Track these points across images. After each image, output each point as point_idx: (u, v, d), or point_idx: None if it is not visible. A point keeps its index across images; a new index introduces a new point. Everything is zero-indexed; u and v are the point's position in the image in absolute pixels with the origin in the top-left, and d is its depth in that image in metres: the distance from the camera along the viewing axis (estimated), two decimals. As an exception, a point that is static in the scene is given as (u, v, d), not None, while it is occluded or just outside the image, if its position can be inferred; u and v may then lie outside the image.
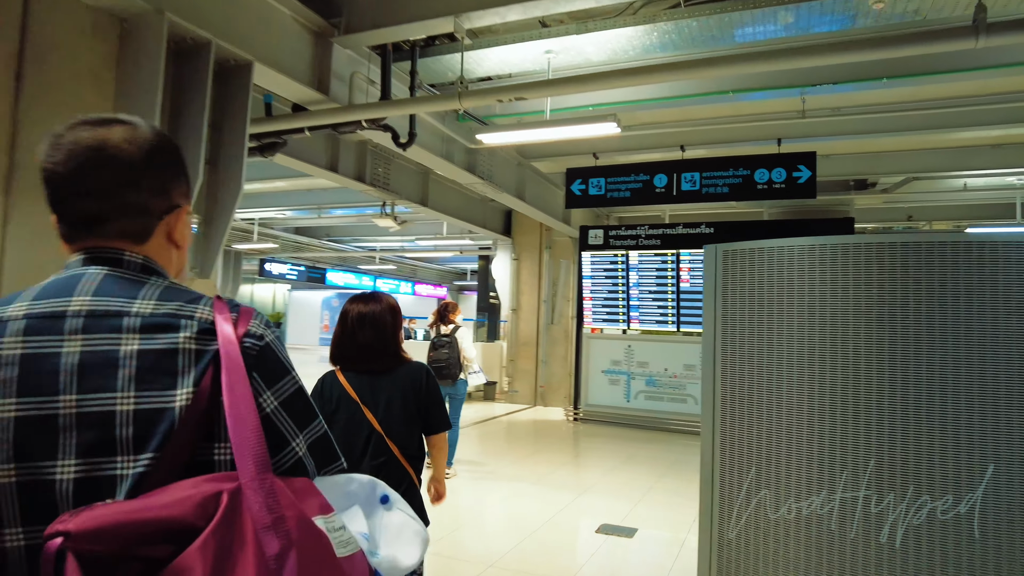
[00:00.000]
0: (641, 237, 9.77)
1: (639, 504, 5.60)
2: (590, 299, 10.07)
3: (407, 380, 2.36)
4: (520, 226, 12.15)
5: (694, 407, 9.37)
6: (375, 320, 2.33)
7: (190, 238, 1.01)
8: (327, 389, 2.32)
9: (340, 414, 2.26)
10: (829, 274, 2.29)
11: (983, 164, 8.67)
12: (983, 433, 2.02)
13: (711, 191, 7.82)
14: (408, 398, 2.34)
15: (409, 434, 2.32)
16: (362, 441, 2.24)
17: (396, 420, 2.29)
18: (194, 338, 0.84)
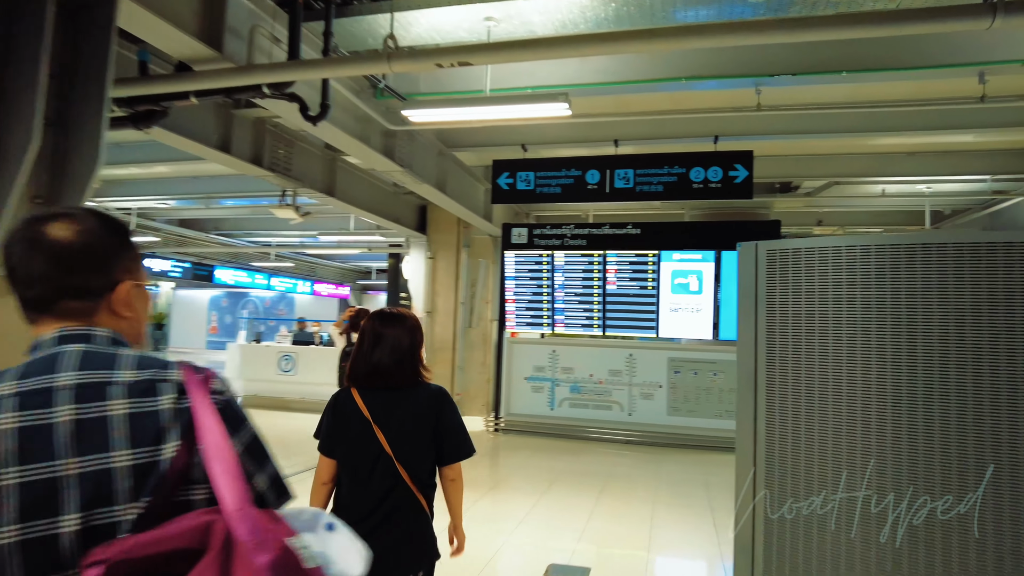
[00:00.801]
0: (567, 237, 9.27)
1: (584, 535, 5.02)
2: (513, 301, 9.46)
3: (423, 402, 2.23)
4: (436, 222, 11.35)
5: (619, 414, 8.97)
6: (392, 339, 2.22)
7: (143, 308, 1.13)
8: (341, 405, 2.22)
9: (351, 431, 2.16)
10: (896, 276, 1.80)
11: (899, 171, 8.83)
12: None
13: (645, 189, 7.41)
14: (422, 421, 2.20)
15: (421, 459, 2.18)
16: (370, 461, 2.12)
17: (407, 442, 2.16)
18: (173, 399, 1.00)
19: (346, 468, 2.17)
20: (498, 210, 10.30)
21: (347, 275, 26.07)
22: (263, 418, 10.26)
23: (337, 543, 1.04)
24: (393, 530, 2.09)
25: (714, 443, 8.68)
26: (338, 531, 1.06)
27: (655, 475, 7.17)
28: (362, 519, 2.06)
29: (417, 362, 2.28)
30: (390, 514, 2.09)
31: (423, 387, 2.27)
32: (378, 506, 2.09)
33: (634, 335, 9.15)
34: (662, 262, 8.91)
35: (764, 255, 2.07)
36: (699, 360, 8.90)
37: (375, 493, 2.10)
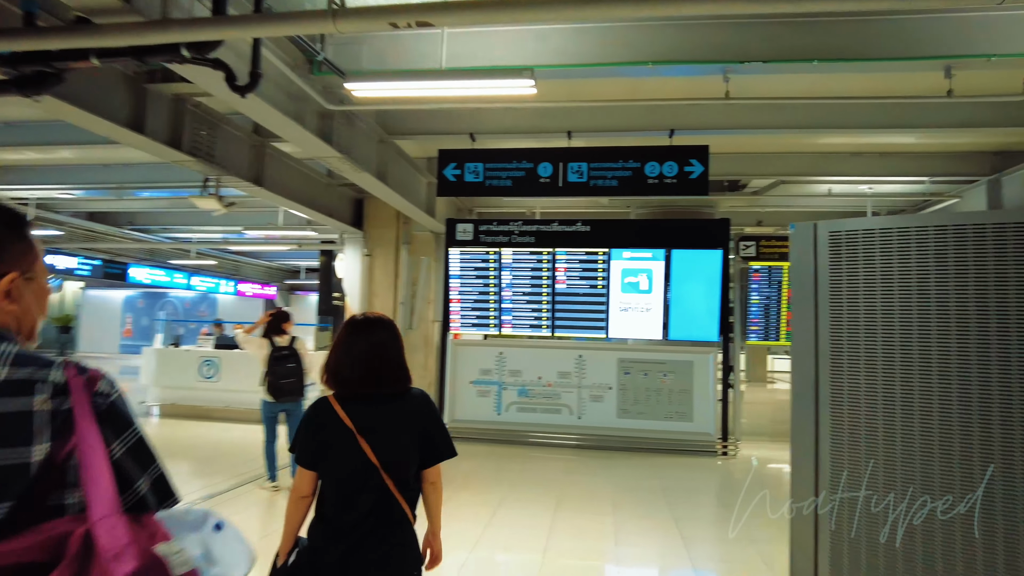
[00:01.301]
0: (515, 234, 8.87)
1: (548, 555, 4.61)
2: (458, 301, 8.97)
3: (410, 409, 2.15)
4: (374, 217, 10.71)
5: (569, 418, 8.64)
6: (379, 347, 2.12)
7: (34, 302, 1.10)
8: (320, 416, 2.10)
9: (333, 444, 2.06)
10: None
11: (844, 170, 8.91)
12: None
13: (599, 184, 7.10)
14: (411, 430, 2.13)
15: (407, 468, 2.11)
16: (355, 473, 2.03)
17: (394, 452, 2.08)
18: (48, 400, 0.97)
19: (329, 481, 2.08)
20: (441, 205, 9.79)
21: (274, 274, 24.82)
22: (181, 429, 9.36)
23: (223, 543, 1.02)
24: (380, 544, 2.03)
25: (665, 445, 8.47)
26: (225, 530, 1.05)
27: (611, 482, 6.85)
28: (347, 533, 2.00)
29: (404, 368, 2.19)
30: (376, 527, 2.02)
31: (408, 393, 2.18)
32: (364, 519, 2.02)
33: (584, 336, 8.84)
34: (612, 260, 8.64)
35: (825, 238, 1.70)
36: (649, 361, 8.67)
37: (361, 506, 2.02)
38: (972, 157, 8.81)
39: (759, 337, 9.54)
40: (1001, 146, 8.57)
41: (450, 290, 8.97)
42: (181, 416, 10.31)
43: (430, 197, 9.37)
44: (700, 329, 8.61)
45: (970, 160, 8.82)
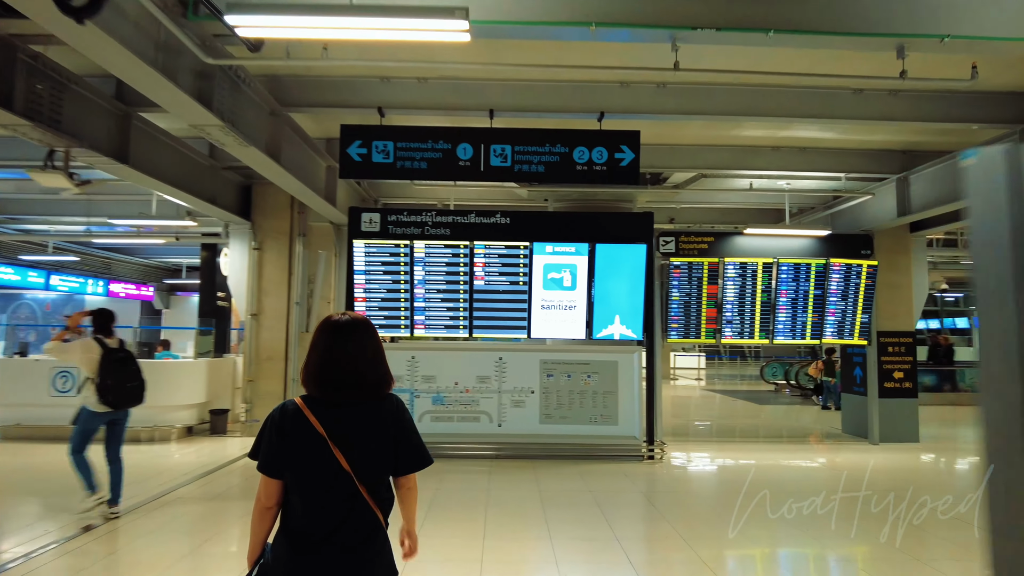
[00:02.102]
0: (428, 225, 8.04)
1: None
2: (363, 300, 8.02)
3: (383, 415, 2.00)
4: (265, 206, 9.52)
5: (488, 426, 7.93)
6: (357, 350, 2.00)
7: None
8: (287, 422, 1.93)
9: (302, 451, 1.91)
10: None
11: (763, 164, 8.76)
12: None
13: (524, 169, 6.44)
14: (384, 436, 1.99)
15: (380, 475, 1.99)
16: (328, 482, 1.90)
17: (368, 459, 1.95)
18: None
19: (298, 490, 1.94)
20: (343, 193, 8.78)
21: (151, 273, 22.39)
22: (26, 455, 7.81)
23: None
24: (352, 556, 1.91)
25: (589, 451, 7.96)
26: None
27: (539, 496, 6.21)
28: (319, 544, 1.88)
29: (388, 372, 2.08)
30: (350, 537, 1.90)
31: (384, 399, 2.06)
32: (337, 529, 1.89)
33: (504, 336, 8.16)
34: (534, 255, 8.02)
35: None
36: (573, 362, 8.13)
37: (332, 515, 1.90)
38: (883, 155, 8.95)
39: (679, 335, 9.29)
40: (908, 145, 8.74)
41: (354, 287, 8.01)
42: (29, 438, 8.69)
43: (330, 182, 8.35)
44: (625, 327, 8.16)
45: (881, 158, 8.95)
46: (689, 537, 4.96)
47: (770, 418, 12.95)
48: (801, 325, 9.34)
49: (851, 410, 10.45)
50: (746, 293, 9.24)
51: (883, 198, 9.20)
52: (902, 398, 9.66)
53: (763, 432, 10.98)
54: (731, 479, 7.16)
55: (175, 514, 5.53)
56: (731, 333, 9.27)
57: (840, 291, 9.38)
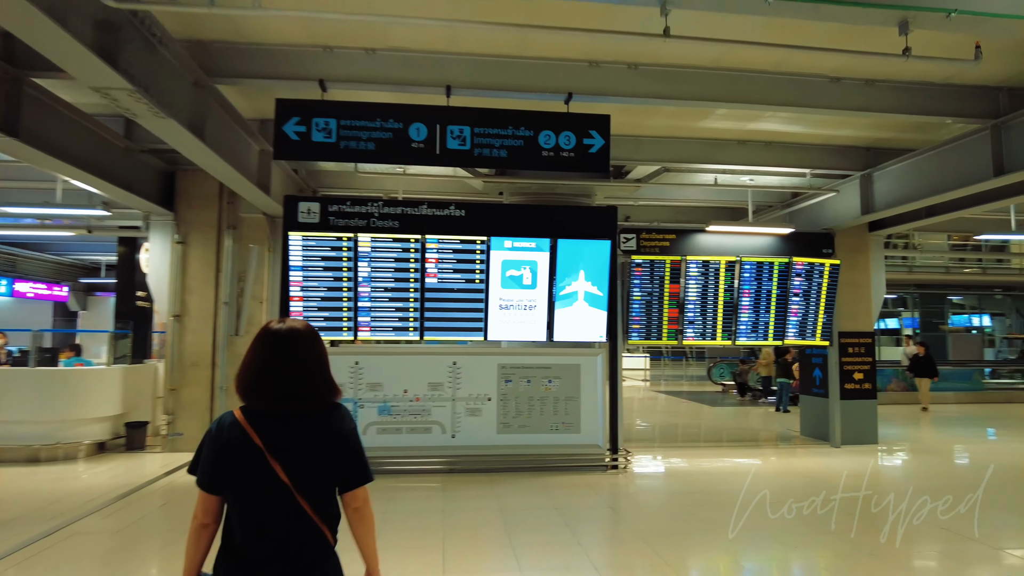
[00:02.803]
0: (374, 216, 7.29)
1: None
2: (300, 299, 7.20)
3: (325, 426, 1.88)
4: (189, 195, 8.55)
5: (441, 437, 7.25)
6: (295, 357, 1.86)
7: None
8: (223, 434, 1.83)
9: (237, 464, 1.79)
10: None
11: (728, 159, 8.42)
12: None
13: (485, 153, 5.80)
14: (325, 446, 1.86)
15: (327, 489, 1.87)
16: (266, 497, 1.78)
17: (309, 472, 1.82)
18: None
19: (236, 505, 1.81)
20: (279, 180, 7.92)
21: (64, 271, 20.57)
22: None
23: None
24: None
25: (551, 462, 7.38)
26: None
27: (500, 516, 5.58)
28: (262, 565, 1.77)
29: (332, 382, 1.93)
30: (295, 557, 1.79)
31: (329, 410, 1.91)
32: (279, 548, 1.78)
33: (459, 339, 7.49)
34: (492, 250, 7.38)
35: None
36: (533, 366, 7.53)
37: (274, 534, 1.79)
38: (848, 152, 8.75)
39: (640, 336, 8.85)
40: (874, 142, 8.56)
41: (289, 286, 7.17)
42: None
43: (264, 168, 7.49)
44: (587, 328, 7.63)
45: (846, 155, 8.75)
46: (676, 563, 4.43)
47: (726, 421, 12.72)
48: (764, 326, 9.04)
49: (810, 412, 10.26)
50: (708, 293, 8.87)
51: (846, 196, 9.00)
52: (862, 399, 9.52)
53: (724, 436, 10.68)
54: (703, 489, 6.71)
55: (76, 551, 4.62)
56: (693, 334, 8.89)
57: (802, 291, 9.14)
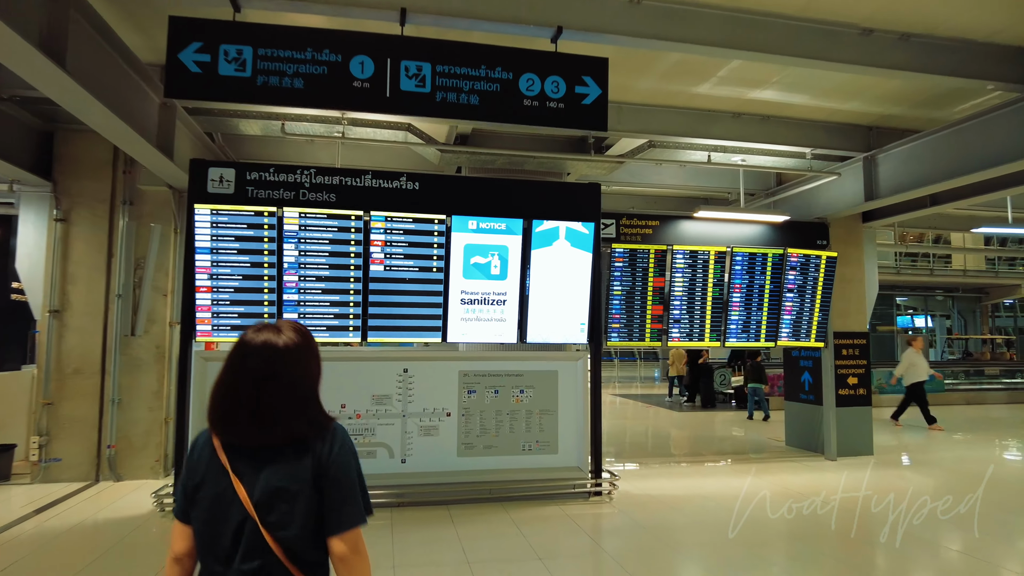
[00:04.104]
0: (305, 187, 5.86)
1: None
2: (208, 290, 5.69)
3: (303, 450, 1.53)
4: (74, 161, 6.88)
5: (389, 463, 5.87)
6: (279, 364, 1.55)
7: None
8: (196, 450, 1.60)
9: (206, 488, 1.53)
10: None
11: (722, 133, 7.38)
12: None
13: (451, 99, 4.49)
14: (302, 471, 1.51)
15: (302, 527, 1.49)
16: (231, 531, 1.48)
17: (281, 503, 1.48)
18: None
19: (201, 541, 1.54)
20: (185, 143, 6.35)
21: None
22: None
23: None
24: None
25: (523, 490, 6.11)
26: None
27: (467, 566, 4.27)
28: None
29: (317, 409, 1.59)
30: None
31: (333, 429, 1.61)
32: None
33: (411, 340, 6.12)
34: (453, 232, 6.06)
35: None
36: (501, 373, 6.25)
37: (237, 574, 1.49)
38: (848, 131, 7.83)
39: (621, 337, 7.70)
40: (878, 119, 7.67)
41: (196, 272, 5.66)
42: None
43: (166, 126, 5.92)
44: (566, 328, 6.39)
45: (846, 134, 7.82)
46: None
47: (698, 429, 11.73)
48: (756, 325, 8.02)
49: (797, 421, 9.34)
50: (696, 287, 7.79)
51: (846, 180, 8.08)
52: (857, 406, 8.64)
53: (703, 448, 9.65)
54: (705, 520, 5.58)
55: None
56: (679, 334, 7.78)
57: (797, 286, 8.18)
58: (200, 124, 6.66)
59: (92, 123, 5.05)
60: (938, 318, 28.54)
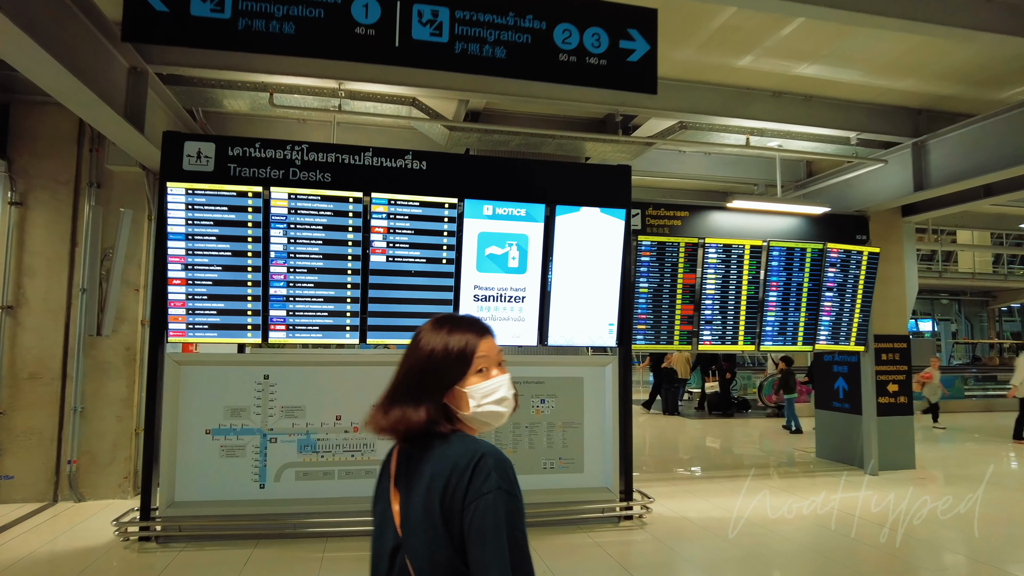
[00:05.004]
0: (295, 164, 5.07)
1: None
2: (183, 283, 4.89)
3: (439, 473, 1.15)
4: (32, 136, 6.07)
5: (390, 483, 5.06)
6: (408, 352, 1.28)
7: None
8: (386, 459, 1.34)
9: (378, 503, 1.30)
10: None
11: (760, 114, 6.65)
12: None
13: (473, 51, 3.73)
14: (433, 506, 1.14)
15: (434, 567, 1.13)
16: (387, 554, 1.23)
17: (417, 536, 1.16)
18: None
19: (371, 562, 1.29)
20: (160, 117, 5.55)
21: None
22: None
23: None
24: None
25: (546, 515, 5.33)
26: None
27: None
28: None
29: (434, 392, 1.23)
30: None
31: (448, 443, 1.20)
32: None
33: (417, 342, 5.35)
34: (466, 219, 5.28)
35: None
36: (520, 380, 5.44)
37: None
38: (896, 114, 7.12)
39: (648, 339, 6.97)
40: (929, 101, 6.97)
41: (168, 262, 4.86)
42: None
43: (136, 94, 5.11)
44: (592, 328, 5.63)
45: (894, 118, 7.12)
46: None
47: (720, 441, 11.00)
48: (792, 326, 7.30)
49: (829, 431, 8.62)
50: (730, 285, 7.05)
51: (891, 169, 7.37)
52: (898, 415, 7.92)
53: (730, 462, 8.91)
54: (760, 552, 4.84)
55: None
56: (710, 337, 7.04)
57: (837, 284, 7.46)
58: (178, 97, 5.86)
59: (44, 84, 4.25)
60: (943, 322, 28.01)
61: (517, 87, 5.30)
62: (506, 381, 1.29)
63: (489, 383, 1.26)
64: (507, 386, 1.29)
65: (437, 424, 1.22)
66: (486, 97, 5.61)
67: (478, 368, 1.25)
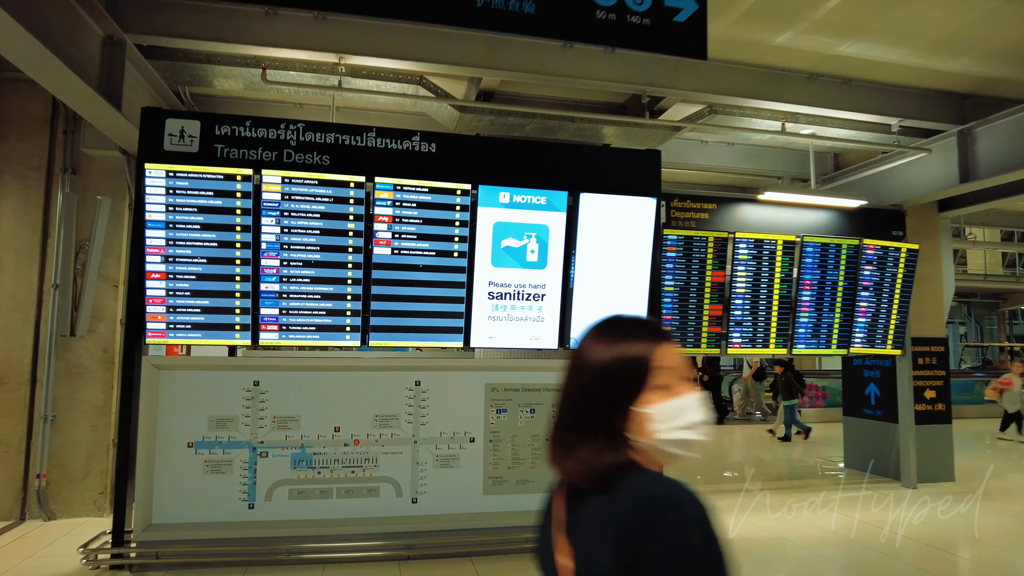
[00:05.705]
0: (290, 145, 4.52)
1: None
2: (163, 276, 4.34)
3: (623, 521, 0.92)
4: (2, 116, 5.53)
5: (395, 503, 4.54)
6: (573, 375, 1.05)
7: None
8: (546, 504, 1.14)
9: (543, 558, 1.10)
10: None
11: (795, 97, 6.14)
12: None
13: (498, 5, 3.21)
14: (619, 561, 0.92)
15: None
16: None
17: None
18: None
19: None
20: (140, 94, 4.99)
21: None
22: None
23: None
24: None
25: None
26: None
27: None
28: None
29: (614, 433, 1.00)
30: None
31: (638, 480, 0.96)
32: None
33: (425, 344, 4.81)
34: (480, 207, 4.74)
35: None
36: (539, 387, 4.96)
37: None
38: (941, 100, 6.61)
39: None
40: (979, 85, 6.45)
41: (147, 254, 4.31)
42: None
43: (112, 66, 4.56)
44: (621, 331, 5.10)
45: (938, 103, 6.60)
46: None
47: (734, 448, 10.47)
48: (827, 328, 6.77)
49: (859, 439, 8.08)
50: (761, 283, 6.53)
51: (933, 159, 6.85)
52: (936, 424, 7.40)
53: (752, 472, 8.38)
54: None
55: None
56: (740, 340, 6.51)
57: (873, 283, 6.93)
58: (162, 73, 5.31)
59: (2, 49, 3.71)
60: (950, 324, 27.57)
61: (537, 61, 4.77)
62: (697, 400, 1.02)
63: (676, 402, 1.00)
64: (699, 406, 1.01)
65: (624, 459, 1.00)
66: (501, 74, 5.07)
67: (661, 383, 0.99)
